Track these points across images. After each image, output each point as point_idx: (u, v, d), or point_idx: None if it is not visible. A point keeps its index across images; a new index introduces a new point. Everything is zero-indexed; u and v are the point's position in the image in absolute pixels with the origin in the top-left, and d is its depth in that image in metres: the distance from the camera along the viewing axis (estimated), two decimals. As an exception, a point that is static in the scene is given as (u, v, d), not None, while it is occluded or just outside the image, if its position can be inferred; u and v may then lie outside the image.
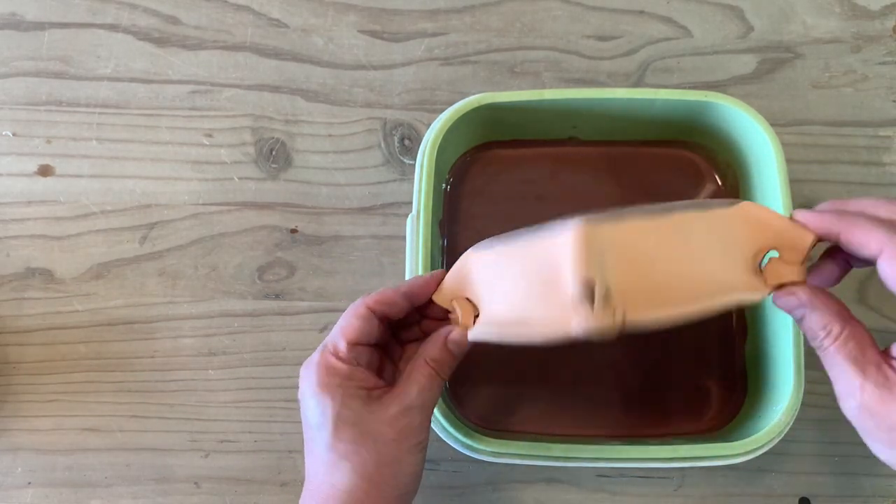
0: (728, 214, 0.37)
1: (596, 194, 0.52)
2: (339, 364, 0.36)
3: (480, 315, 0.39)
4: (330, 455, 0.36)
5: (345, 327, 0.37)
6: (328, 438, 0.35)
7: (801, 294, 0.35)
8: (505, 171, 0.53)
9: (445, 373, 0.38)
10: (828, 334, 0.34)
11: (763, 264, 0.37)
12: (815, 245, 0.36)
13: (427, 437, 0.38)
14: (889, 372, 0.32)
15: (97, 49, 0.57)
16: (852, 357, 0.33)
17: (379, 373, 0.39)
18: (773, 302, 0.36)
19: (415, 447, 0.36)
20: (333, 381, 0.36)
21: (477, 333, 0.38)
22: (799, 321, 0.35)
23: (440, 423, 0.44)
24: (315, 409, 0.36)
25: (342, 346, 0.37)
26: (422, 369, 0.37)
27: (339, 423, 0.35)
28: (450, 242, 0.52)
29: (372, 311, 0.38)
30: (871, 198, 0.36)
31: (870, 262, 0.35)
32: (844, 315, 0.34)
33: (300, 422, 0.51)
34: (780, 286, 0.36)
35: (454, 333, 0.38)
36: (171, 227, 0.54)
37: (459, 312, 0.39)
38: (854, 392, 0.32)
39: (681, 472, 0.51)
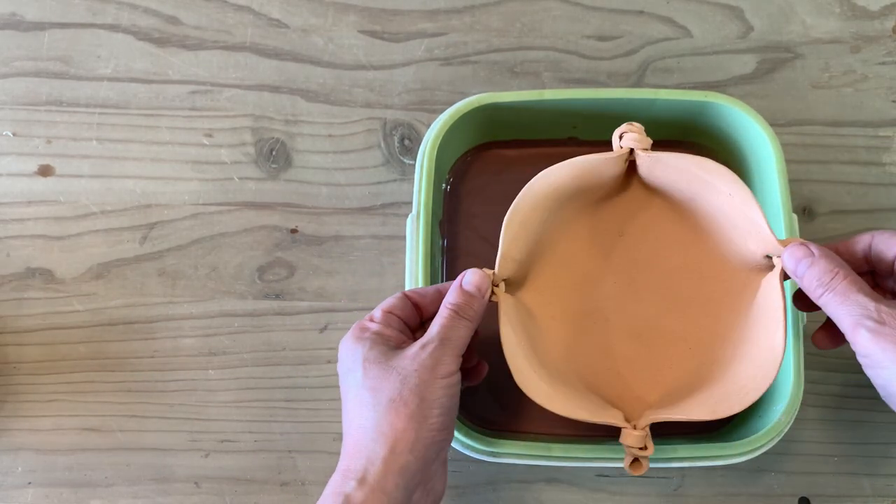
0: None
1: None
2: (371, 324, 0.40)
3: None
4: (360, 392, 0.37)
5: (381, 303, 0.41)
6: (359, 378, 0.37)
7: (811, 245, 0.38)
8: (505, 171, 0.53)
9: (468, 313, 0.39)
10: (835, 276, 0.36)
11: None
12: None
13: (455, 374, 0.38)
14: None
15: (97, 49, 0.57)
16: (865, 289, 0.36)
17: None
18: (784, 258, 0.38)
19: (438, 379, 0.37)
20: (364, 335, 0.39)
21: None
22: (801, 277, 0.37)
23: (440, 423, 0.44)
24: (347, 357, 0.39)
25: (377, 313, 0.40)
26: (441, 311, 0.39)
27: (367, 362, 0.37)
28: (450, 242, 0.52)
29: (406, 295, 0.41)
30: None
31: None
32: (846, 264, 0.37)
33: (300, 422, 0.52)
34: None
35: (467, 275, 0.40)
36: (171, 227, 0.54)
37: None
38: (870, 314, 0.34)
39: (681, 472, 0.51)
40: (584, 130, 0.52)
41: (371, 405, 0.36)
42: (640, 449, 0.39)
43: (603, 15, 0.57)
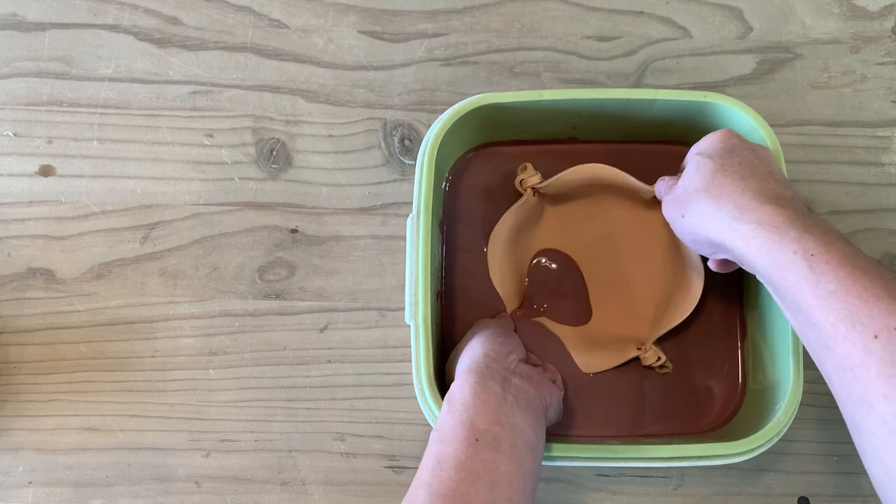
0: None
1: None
2: None
3: None
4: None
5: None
6: None
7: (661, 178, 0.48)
8: (505, 171, 0.53)
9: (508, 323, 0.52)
10: (658, 186, 0.48)
11: None
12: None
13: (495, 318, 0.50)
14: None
15: (98, 49, 0.57)
16: (670, 182, 0.46)
17: None
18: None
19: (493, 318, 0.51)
20: None
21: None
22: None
23: (440, 423, 0.44)
24: None
25: None
26: None
27: None
28: (450, 242, 0.52)
29: None
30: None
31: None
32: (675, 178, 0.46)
33: (300, 421, 0.52)
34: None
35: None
36: (171, 227, 0.55)
37: None
38: (661, 193, 0.47)
39: (680, 471, 0.51)
40: (583, 130, 0.52)
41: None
42: (657, 361, 0.50)
43: (602, 15, 0.57)
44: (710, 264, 0.46)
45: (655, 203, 0.50)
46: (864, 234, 0.54)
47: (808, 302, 0.34)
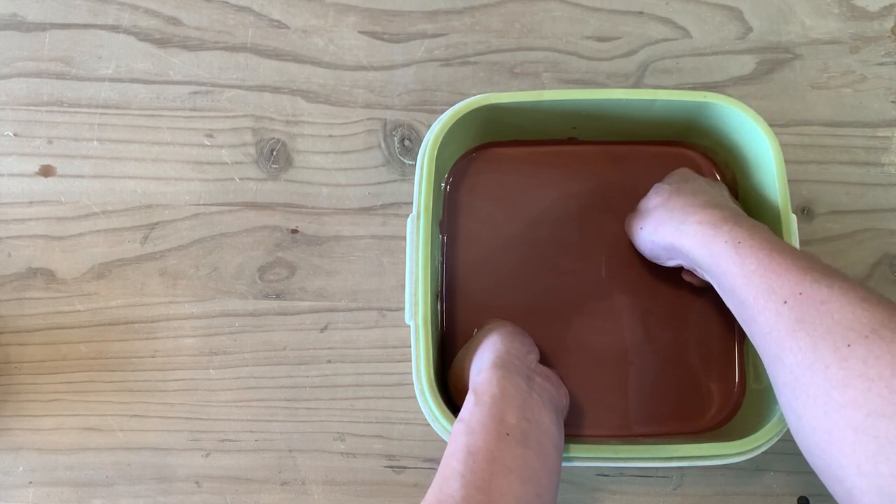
0: None
1: (595, 193, 0.53)
2: None
3: None
4: None
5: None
6: None
7: None
8: (504, 171, 0.53)
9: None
10: None
11: None
12: None
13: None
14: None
15: (98, 50, 0.57)
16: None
17: None
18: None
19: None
20: None
21: None
22: None
23: (441, 424, 0.44)
24: None
25: None
26: None
27: None
28: (449, 242, 0.52)
29: None
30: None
31: None
32: None
33: (301, 421, 0.52)
34: None
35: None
36: (172, 228, 0.55)
37: None
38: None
39: (680, 471, 0.51)
40: (583, 131, 0.52)
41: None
42: None
43: (602, 16, 0.57)
44: (684, 276, 0.50)
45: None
46: (864, 234, 0.54)
47: (737, 282, 0.38)
